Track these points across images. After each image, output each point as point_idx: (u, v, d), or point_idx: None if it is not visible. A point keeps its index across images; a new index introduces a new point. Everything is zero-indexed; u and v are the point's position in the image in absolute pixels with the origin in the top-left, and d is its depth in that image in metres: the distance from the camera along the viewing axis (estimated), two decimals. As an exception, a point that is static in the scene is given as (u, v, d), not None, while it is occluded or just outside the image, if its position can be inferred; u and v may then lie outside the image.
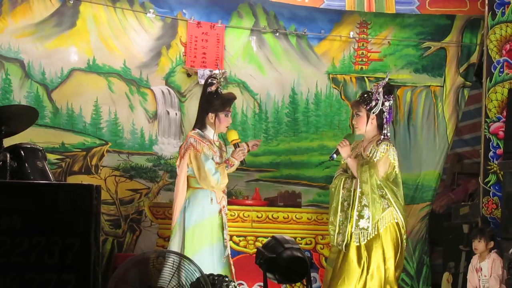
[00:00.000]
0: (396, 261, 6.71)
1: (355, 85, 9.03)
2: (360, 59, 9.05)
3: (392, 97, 6.86)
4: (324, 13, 8.82)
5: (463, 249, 8.11)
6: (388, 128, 6.86)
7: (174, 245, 6.74)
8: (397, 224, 6.71)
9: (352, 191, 6.79)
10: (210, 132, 6.93)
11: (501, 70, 8.47)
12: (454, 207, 9.13)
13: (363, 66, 9.07)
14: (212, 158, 6.82)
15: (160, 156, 8.56)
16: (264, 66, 8.87)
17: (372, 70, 9.08)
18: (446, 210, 9.62)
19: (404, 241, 6.77)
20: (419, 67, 9.13)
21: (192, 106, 8.55)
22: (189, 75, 8.60)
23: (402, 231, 6.73)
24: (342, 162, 7.04)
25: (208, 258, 6.69)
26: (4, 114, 6.00)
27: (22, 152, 6.00)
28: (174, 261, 5.60)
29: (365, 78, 9.06)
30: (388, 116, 6.82)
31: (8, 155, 5.80)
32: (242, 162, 6.97)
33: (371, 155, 6.79)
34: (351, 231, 6.68)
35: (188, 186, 6.88)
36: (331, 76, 9.00)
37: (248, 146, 7.05)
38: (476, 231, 7.71)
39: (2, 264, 4.32)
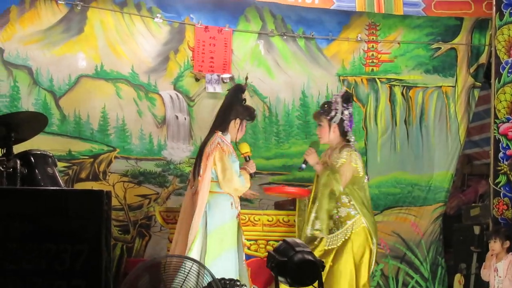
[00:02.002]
0: (369, 264, 6.93)
1: (366, 86, 9.02)
2: (370, 61, 9.04)
3: (351, 105, 7.14)
4: (332, 15, 8.83)
5: (474, 250, 8.10)
6: (352, 135, 7.13)
7: (195, 250, 6.70)
8: (365, 228, 6.93)
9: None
10: (228, 138, 6.93)
11: (510, 70, 8.47)
12: (465, 209, 9.12)
13: (374, 68, 9.05)
14: (237, 162, 6.84)
15: (169, 161, 8.55)
16: (272, 70, 8.85)
17: (383, 71, 9.07)
18: (457, 211, 9.61)
19: (374, 246, 6.95)
20: (430, 67, 9.11)
21: (201, 111, 8.58)
22: (197, 80, 8.60)
23: (369, 237, 6.92)
24: None
25: (230, 262, 6.69)
26: (14, 121, 6.00)
27: (32, 158, 6.00)
28: (185, 266, 5.59)
29: (377, 80, 9.05)
30: (349, 124, 7.09)
31: (18, 162, 5.80)
32: (251, 175, 7.00)
33: (334, 161, 7.00)
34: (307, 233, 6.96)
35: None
36: (341, 78, 8.99)
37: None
38: (491, 232, 7.72)
39: (13, 271, 4.31)
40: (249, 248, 7.58)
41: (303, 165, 7.15)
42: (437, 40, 9.10)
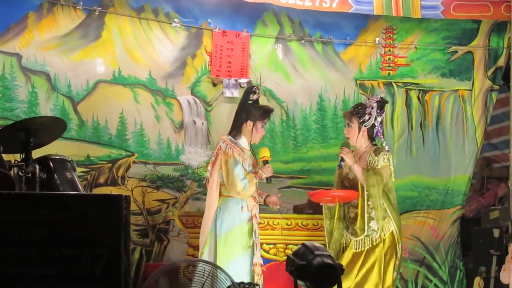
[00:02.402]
0: (394, 268, 6.93)
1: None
2: (387, 65, 9.02)
3: (384, 112, 7.08)
4: (350, 19, 8.82)
5: (494, 254, 8.06)
6: (383, 141, 7.09)
7: (206, 254, 6.74)
8: (394, 231, 6.93)
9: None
10: (243, 141, 6.93)
11: (529, 73, 8.45)
12: (484, 212, 9.09)
13: (391, 72, 9.03)
14: (242, 165, 6.80)
15: (187, 165, 8.56)
16: (290, 74, 8.85)
17: (399, 75, 9.05)
18: (476, 214, 9.58)
19: (399, 250, 6.95)
20: (446, 71, 9.09)
21: (218, 115, 8.58)
22: (214, 85, 8.60)
23: (396, 241, 6.93)
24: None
25: (240, 266, 6.68)
26: (33, 126, 6.01)
27: (51, 163, 6.00)
28: (204, 270, 5.59)
29: (393, 83, 9.04)
30: (379, 130, 7.01)
31: (37, 167, 5.81)
32: (267, 180, 6.97)
33: (371, 164, 6.93)
34: (361, 234, 6.89)
35: (219, 195, 6.87)
36: (358, 82, 8.97)
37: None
38: (511, 235, 7.68)
39: (32, 276, 4.28)
40: (268, 252, 7.58)
41: (342, 163, 7.00)
42: (453, 44, 9.08)
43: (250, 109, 6.94)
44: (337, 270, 5.53)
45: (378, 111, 6.98)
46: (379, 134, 7.03)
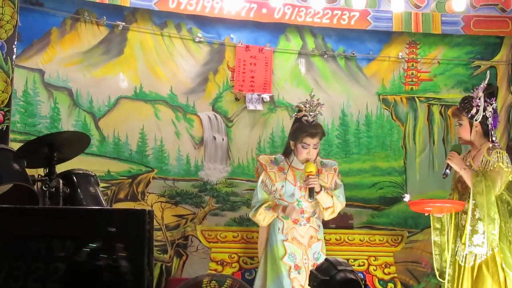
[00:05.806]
0: None
1: (406, 105, 8.99)
2: (410, 79, 9.01)
3: (495, 100, 6.50)
4: (373, 34, 8.81)
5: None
6: (495, 133, 6.51)
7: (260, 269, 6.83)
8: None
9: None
10: (295, 159, 6.85)
11: (552, 88, 8.43)
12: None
13: (413, 86, 9.01)
14: (268, 188, 6.75)
15: (206, 181, 8.55)
16: (312, 89, 8.83)
17: (422, 90, 9.03)
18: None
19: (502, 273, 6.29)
20: (469, 86, 9.01)
21: (239, 131, 8.59)
22: (237, 99, 8.60)
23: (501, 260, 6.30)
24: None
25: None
26: (57, 141, 6.03)
27: (74, 178, 6.02)
28: (227, 285, 5.59)
29: (416, 98, 9.02)
30: (493, 121, 6.43)
31: (60, 181, 5.83)
32: (310, 195, 6.76)
33: (483, 165, 6.40)
34: (464, 249, 6.35)
35: None
36: (381, 97, 8.96)
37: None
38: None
39: (56, 291, 4.30)
40: (291, 268, 7.56)
41: (447, 171, 6.47)
42: (476, 59, 9.06)
43: (292, 128, 6.89)
44: (359, 284, 5.53)
45: (487, 100, 6.45)
46: (494, 125, 6.44)
